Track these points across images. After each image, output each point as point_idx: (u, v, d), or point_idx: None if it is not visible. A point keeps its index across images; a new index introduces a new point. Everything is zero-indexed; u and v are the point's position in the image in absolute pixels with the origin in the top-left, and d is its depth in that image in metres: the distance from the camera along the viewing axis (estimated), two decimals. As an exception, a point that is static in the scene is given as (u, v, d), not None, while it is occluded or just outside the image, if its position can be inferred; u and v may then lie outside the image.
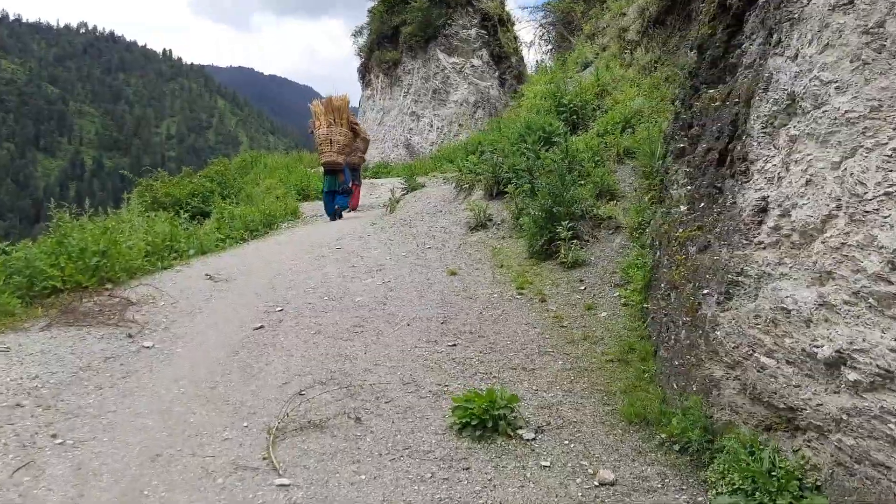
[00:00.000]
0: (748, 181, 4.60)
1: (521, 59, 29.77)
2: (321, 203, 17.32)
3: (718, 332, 4.59)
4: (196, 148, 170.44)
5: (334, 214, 14.20)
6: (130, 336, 6.69)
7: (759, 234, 4.35)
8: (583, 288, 7.68)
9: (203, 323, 7.16)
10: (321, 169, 25.47)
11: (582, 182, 9.15)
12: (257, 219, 13.67)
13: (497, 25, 28.30)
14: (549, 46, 22.56)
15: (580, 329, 6.68)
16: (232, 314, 7.43)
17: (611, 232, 8.69)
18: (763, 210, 4.34)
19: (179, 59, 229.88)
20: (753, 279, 4.31)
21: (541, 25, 22.35)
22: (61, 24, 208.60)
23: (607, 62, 13.32)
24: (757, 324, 4.20)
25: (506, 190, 10.59)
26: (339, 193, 14.42)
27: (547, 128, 10.93)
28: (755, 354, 4.18)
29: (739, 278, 4.45)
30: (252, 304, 7.78)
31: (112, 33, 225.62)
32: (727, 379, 4.48)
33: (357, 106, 31.68)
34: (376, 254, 9.79)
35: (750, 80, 4.92)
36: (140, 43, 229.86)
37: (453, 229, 10.78)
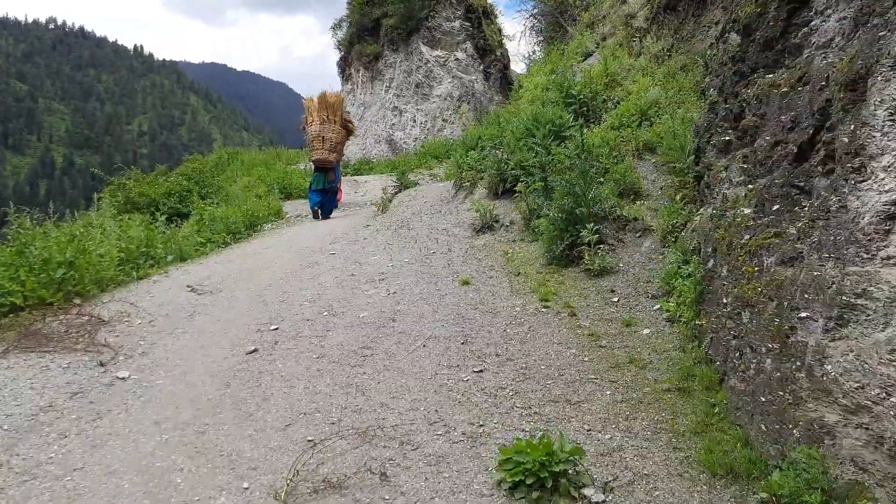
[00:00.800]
0: (865, 180, 3.72)
1: (506, 52, 28.92)
2: (305, 202, 16.41)
3: (829, 367, 3.71)
4: (168, 145, 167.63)
5: (317, 213, 13.66)
6: (102, 364, 5.70)
7: (886, 246, 3.48)
8: (616, 300, 6.79)
9: (187, 346, 6.17)
10: (303, 166, 24.62)
11: (601, 180, 8.25)
12: (239, 220, 12.65)
13: (482, 17, 27.39)
14: (540, 38, 21.63)
15: (622, 349, 5.79)
16: (220, 334, 6.45)
17: (638, 235, 7.82)
18: (892, 217, 3.47)
19: (151, 55, 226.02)
20: (883, 304, 3.43)
21: (531, 16, 21.38)
22: (29, 20, 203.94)
23: (613, 51, 12.45)
24: (893, 360, 3.32)
25: (513, 188, 9.70)
26: (327, 192, 13.95)
27: (557, 121, 10.02)
28: (892, 399, 3.31)
29: (859, 301, 3.57)
30: (242, 321, 6.80)
31: (82, 29, 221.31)
32: (847, 426, 3.60)
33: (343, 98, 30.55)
34: (376, 260, 8.84)
35: (852, 59, 4.04)
36: (111, 39, 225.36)
37: (457, 231, 9.86)
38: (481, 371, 5.51)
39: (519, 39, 26.37)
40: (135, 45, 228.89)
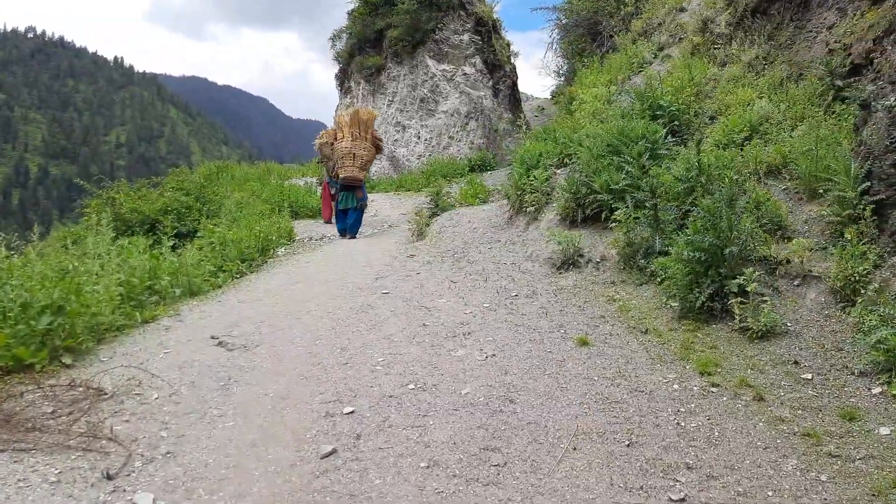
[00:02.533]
0: None
1: (515, 68, 27.27)
2: (313, 223, 14.61)
3: None
4: (146, 158, 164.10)
5: (344, 233, 12.67)
6: (109, 477, 3.72)
7: None
8: (808, 376, 4.94)
9: (231, 440, 4.19)
10: (302, 181, 22.58)
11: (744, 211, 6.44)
12: (252, 245, 10.66)
13: (491, 31, 25.72)
14: (563, 52, 19.94)
15: (872, 464, 3.91)
16: (274, 419, 4.48)
17: (796, 283, 6.00)
18: None
19: (131, 67, 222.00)
20: None
21: (560, 26, 19.66)
22: (8, 28, 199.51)
23: (685, 60, 10.67)
24: None
25: (596, 215, 7.96)
26: (354, 211, 12.82)
27: (649, 135, 8.22)
28: None
29: None
30: (299, 396, 4.84)
31: (62, 38, 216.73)
32: None
33: (334, 113, 28.78)
34: (447, 304, 6.93)
35: None
36: (91, 49, 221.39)
37: (531, 267, 8.02)
38: (683, 501, 3.59)
39: (545, 52, 24.46)
40: (115, 57, 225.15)
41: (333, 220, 13.72)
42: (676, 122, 8.86)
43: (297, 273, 9.01)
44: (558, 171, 9.87)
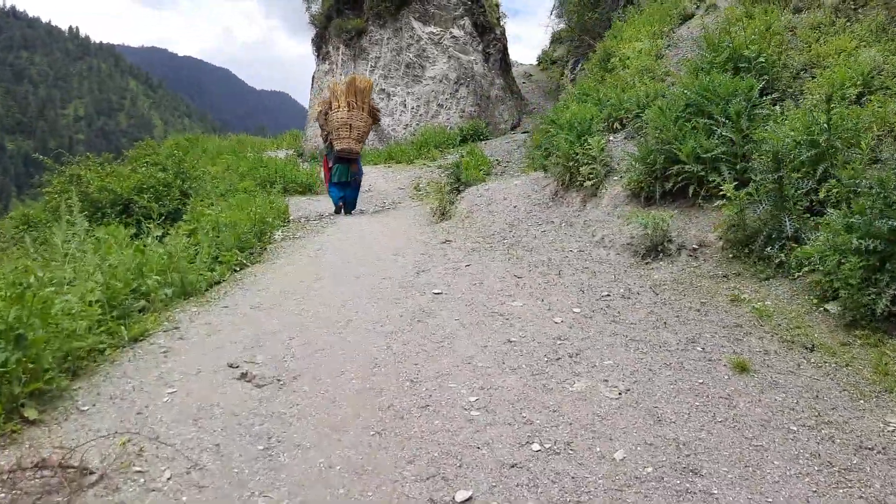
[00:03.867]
0: None
1: (505, 31, 25.54)
2: (305, 199, 12.99)
3: None
4: (106, 131, 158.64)
5: (340, 208, 11.72)
6: None
7: None
8: None
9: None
10: (283, 153, 20.74)
11: None
12: (248, 230, 8.96)
13: (482, -10, 23.94)
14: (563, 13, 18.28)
15: None
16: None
17: None
18: None
19: (87, 38, 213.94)
20: None
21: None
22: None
23: (747, 9, 9.11)
24: None
25: (682, 189, 6.37)
26: (351, 184, 11.85)
27: (743, 92, 6.68)
28: None
29: None
30: (380, 468, 3.27)
31: (13, 9, 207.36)
32: None
33: (311, 82, 26.90)
34: (524, 309, 5.35)
35: None
36: (44, 20, 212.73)
37: (605, 255, 6.50)
38: None
39: (551, 12, 22.62)
40: (69, 27, 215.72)
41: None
42: (765, 77, 7.30)
43: (311, 264, 7.34)
44: (611, 138, 8.30)
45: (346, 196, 11.70)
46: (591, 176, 7.75)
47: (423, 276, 6.35)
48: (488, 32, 23.82)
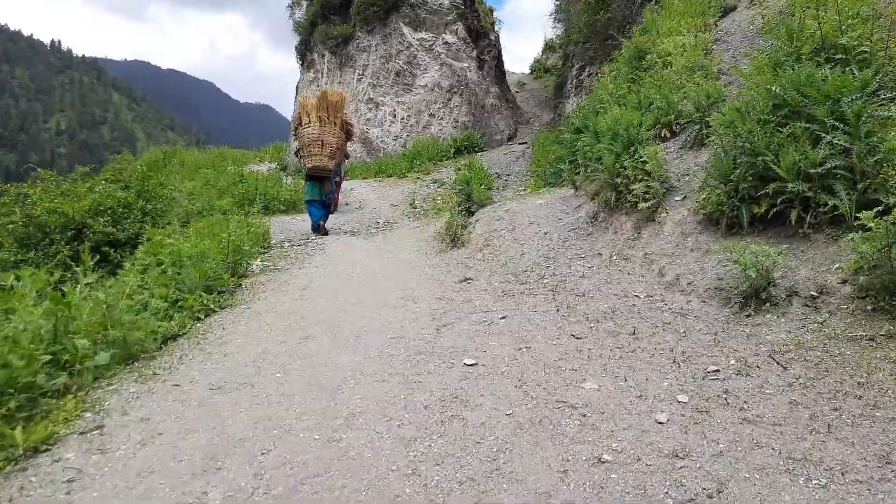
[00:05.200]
0: None
1: (499, 37, 23.98)
2: (287, 219, 11.35)
3: None
4: (89, 144, 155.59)
5: (320, 228, 10.68)
6: None
7: None
8: None
9: None
10: (265, 167, 19.02)
11: None
12: (218, 262, 7.25)
13: (475, -6, 22.40)
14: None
15: None
16: None
17: None
18: None
19: (69, 51, 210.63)
20: None
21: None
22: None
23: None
24: None
25: (780, 214, 4.72)
26: (324, 204, 10.87)
27: (851, 89, 5.06)
28: None
29: None
30: None
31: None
32: None
33: (295, 92, 25.13)
34: (604, 397, 3.67)
35: None
36: (26, 33, 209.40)
37: (685, 303, 4.89)
38: None
39: (550, 14, 21.17)
40: (52, 40, 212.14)
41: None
42: (870, 70, 5.67)
43: (295, 311, 5.62)
44: (663, 148, 6.66)
45: (319, 215, 10.70)
46: (646, 196, 6.08)
47: (447, 335, 4.64)
48: (482, 38, 22.28)
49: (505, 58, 23.95)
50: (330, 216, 11.20)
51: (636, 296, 5.15)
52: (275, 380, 4.09)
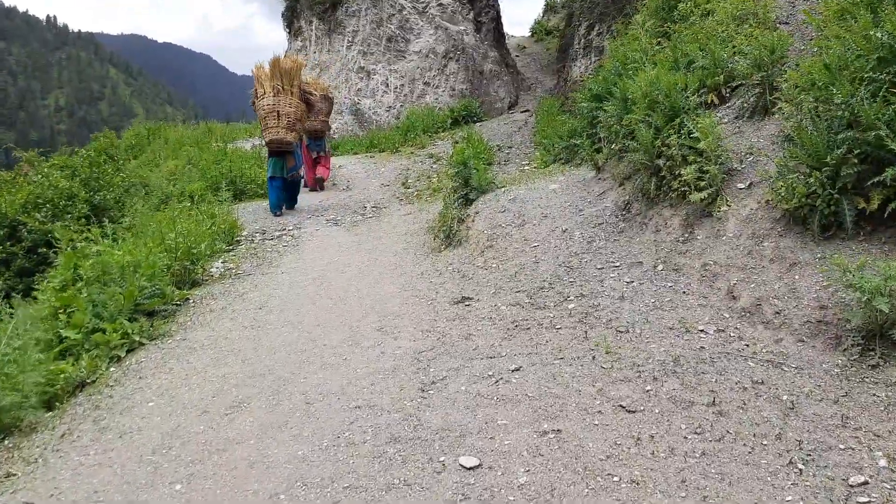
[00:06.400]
0: None
1: (497, -4, 22.12)
2: (265, 204, 9.90)
3: None
4: (88, 121, 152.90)
5: (281, 208, 9.77)
6: None
7: None
8: None
9: None
10: (248, 144, 17.54)
11: None
12: (159, 271, 5.75)
13: (471, -50, 20.51)
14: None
15: None
16: None
17: None
18: None
19: (66, 27, 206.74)
20: None
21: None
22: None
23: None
24: None
25: (884, 213, 3.18)
26: (288, 181, 9.89)
27: None
28: None
29: None
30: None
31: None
32: None
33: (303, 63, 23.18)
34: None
35: None
36: (21, 9, 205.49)
37: (768, 339, 3.40)
38: None
39: None
40: (48, 16, 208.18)
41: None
42: None
43: (237, 348, 4.14)
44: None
45: (281, 195, 9.75)
46: (700, 183, 4.53)
47: (436, 402, 3.14)
48: (480, -1, 20.48)
49: (503, 21, 22.15)
50: (315, 197, 10.45)
51: (702, 331, 3.63)
52: (168, 498, 2.61)
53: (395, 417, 3.04)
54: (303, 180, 10.69)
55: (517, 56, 24.14)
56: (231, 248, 7.89)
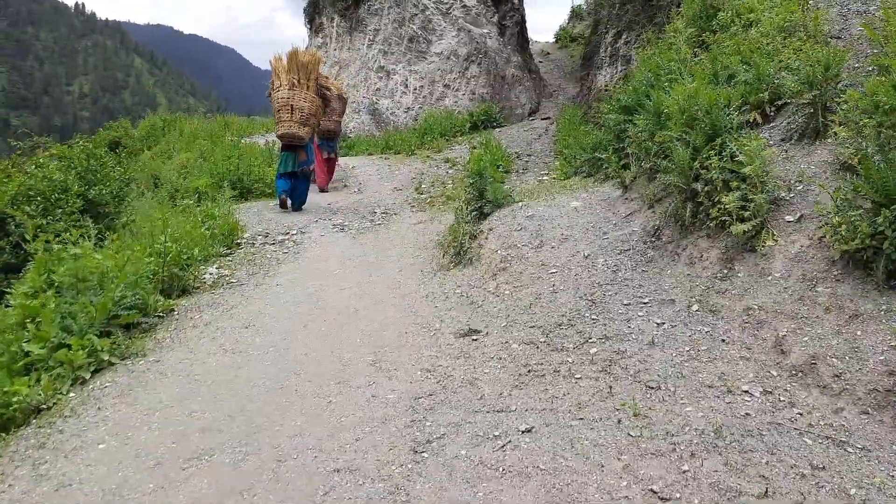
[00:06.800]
0: None
1: (521, 0, 21.60)
2: (273, 203, 9.52)
3: None
4: (111, 108, 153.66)
5: (285, 202, 9.49)
6: None
7: None
8: None
9: None
10: (263, 139, 17.21)
11: None
12: (143, 278, 5.27)
13: (497, -48, 20.00)
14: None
15: None
16: None
17: None
18: None
19: (93, 14, 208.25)
20: None
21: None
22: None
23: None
24: None
25: None
26: (299, 177, 9.59)
27: None
28: None
29: None
30: None
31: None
32: None
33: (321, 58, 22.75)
34: None
35: None
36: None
37: (826, 408, 2.81)
38: None
39: None
40: (76, 3, 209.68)
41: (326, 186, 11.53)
42: None
43: (212, 380, 3.65)
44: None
45: (291, 189, 9.48)
46: (743, 213, 3.97)
47: (430, 469, 2.62)
48: (504, 2, 19.98)
49: (528, 26, 21.60)
50: (324, 199, 10.16)
51: (746, 392, 3.08)
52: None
53: (380, 489, 2.52)
54: (312, 175, 10.29)
55: (540, 62, 23.61)
56: (230, 251, 7.42)
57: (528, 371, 3.47)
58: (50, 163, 8.61)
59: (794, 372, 3.16)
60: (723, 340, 3.51)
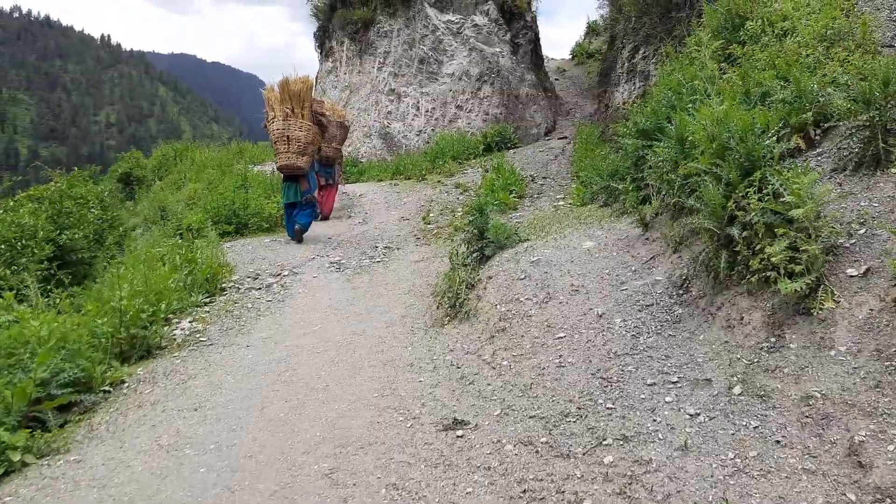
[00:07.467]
0: None
1: (535, 17, 20.91)
2: (268, 240, 8.90)
3: None
4: (137, 137, 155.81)
5: (297, 233, 9.31)
6: None
7: None
8: None
9: None
10: (269, 168, 16.73)
11: None
12: (85, 342, 4.52)
13: (508, -31, 19.37)
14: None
15: None
16: None
17: None
18: None
19: (118, 46, 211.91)
20: None
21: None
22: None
23: None
24: None
25: None
26: (302, 206, 9.38)
27: None
28: None
29: None
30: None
31: (47, 18, 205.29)
32: None
33: (314, 83, 22.22)
34: None
35: None
36: (77, 28, 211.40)
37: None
38: None
39: None
40: (101, 35, 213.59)
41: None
42: None
43: (125, 495, 2.81)
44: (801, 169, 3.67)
45: (298, 220, 9.32)
46: (793, 267, 3.13)
47: None
48: (517, 19, 19.28)
49: (542, 43, 20.87)
50: (329, 229, 10.13)
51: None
52: None
53: None
54: (317, 207, 9.91)
55: (556, 80, 22.88)
56: (211, 299, 6.70)
57: (524, 492, 2.64)
58: (25, 204, 8.03)
59: (879, 498, 2.30)
60: (777, 442, 2.66)
